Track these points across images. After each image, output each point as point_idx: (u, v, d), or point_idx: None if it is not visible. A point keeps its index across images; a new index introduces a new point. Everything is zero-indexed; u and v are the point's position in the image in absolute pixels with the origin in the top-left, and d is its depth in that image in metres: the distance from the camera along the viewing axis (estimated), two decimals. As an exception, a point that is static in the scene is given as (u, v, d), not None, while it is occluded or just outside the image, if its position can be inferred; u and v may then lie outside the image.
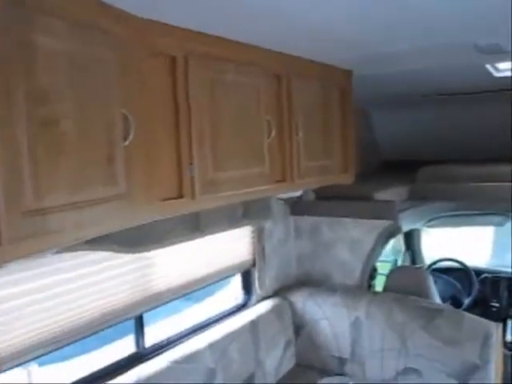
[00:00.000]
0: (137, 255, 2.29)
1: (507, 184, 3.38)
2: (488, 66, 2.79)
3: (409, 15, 1.87)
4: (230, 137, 2.08)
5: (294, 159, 2.52)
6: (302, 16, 1.81)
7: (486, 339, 2.74)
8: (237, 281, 3.28)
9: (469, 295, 4.12)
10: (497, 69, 2.87)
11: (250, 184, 2.23)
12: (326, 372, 3.14)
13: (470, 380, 2.72)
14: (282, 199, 3.40)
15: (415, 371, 2.89)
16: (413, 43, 2.34)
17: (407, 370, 2.91)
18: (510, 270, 4.43)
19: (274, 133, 2.32)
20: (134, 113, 1.58)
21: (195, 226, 2.49)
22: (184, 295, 2.77)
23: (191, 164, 1.89)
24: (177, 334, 2.75)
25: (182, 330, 2.79)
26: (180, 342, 2.68)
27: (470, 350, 2.74)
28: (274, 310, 3.18)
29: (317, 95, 2.72)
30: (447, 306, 3.44)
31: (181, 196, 1.88)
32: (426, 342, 2.87)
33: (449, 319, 2.88)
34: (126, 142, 1.55)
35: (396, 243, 4.84)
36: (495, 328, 2.79)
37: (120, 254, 2.22)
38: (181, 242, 2.43)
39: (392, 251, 4.89)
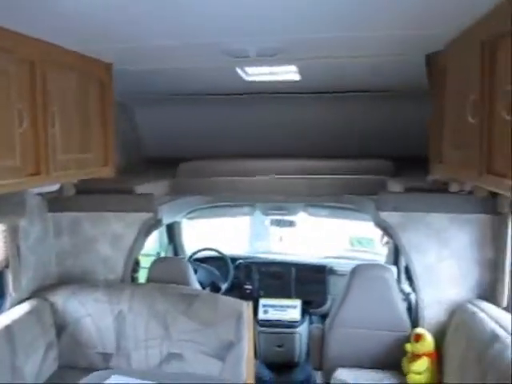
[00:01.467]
0: None
1: (255, 178, 3.79)
2: (238, 70, 3.06)
3: (164, 11, 1.94)
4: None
5: (50, 152, 2.40)
6: (59, 2, 1.75)
7: (239, 317, 3.03)
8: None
9: (226, 280, 4.48)
10: (246, 73, 3.16)
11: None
12: (91, 370, 3.06)
13: (227, 356, 2.97)
14: (40, 194, 3.21)
15: (178, 355, 3.04)
16: (168, 41, 2.44)
17: (170, 356, 3.04)
18: (261, 255, 4.97)
19: (26, 123, 2.18)
20: None
21: None
22: None
23: None
24: None
25: None
26: None
27: (226, 329, 3.00)
28: (32, 313, 2.99)
29: (75, 87, 2.63)
30: (203, 291, 3.68)
31: None
32: (186, 327, 3.04)
33: (205, 302, 3.11)
34: None
35: (162, 237, 4.99)
36: (246, 306, 3.10)
37: None
38: None
39: (159, 245, 5.03)
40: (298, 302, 4.42)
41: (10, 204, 2.82)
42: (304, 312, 4.41)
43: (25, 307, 3.00)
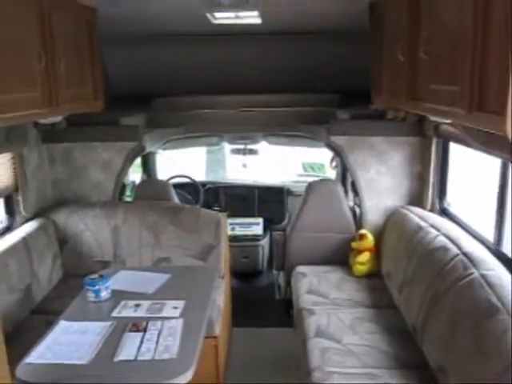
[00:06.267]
0: None
1: (222, 111, 4.31)
2: (208, 14, 3.50)
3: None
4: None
5: (59, 86, 2.82)
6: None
7: (217, 225, 3.65)
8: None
9: (197, 203, 5.08)
10: (214, 17, 3.61)
11: (22, 107, 2.43)
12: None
13: (208, 257, 3.60)
14: (35, 126, 3.62)
15: (167, 259, 3.63)
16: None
17: (160, 260, 3.63)
18: (225, 181, 5.57)
19: (43, 61, 2.61)
20: None
21: None
22: None
23: None
24: None
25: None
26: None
27: (207, 235, 3.61)
28: (40, 228, 3.50)
29: (71, 30, 3.03)
30: (187, 205, 4.24)
31: None
32: (173, 235, 3.63)
33: (189, 214, 3.70)
34: None
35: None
36: (222, 216, 3.72)
37: None
38: None
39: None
40: (260, 220, 5.07)
41: (15, 134, 3.25)
42: (266, 228, 5.07)
43: (33, 224, 3.50)
